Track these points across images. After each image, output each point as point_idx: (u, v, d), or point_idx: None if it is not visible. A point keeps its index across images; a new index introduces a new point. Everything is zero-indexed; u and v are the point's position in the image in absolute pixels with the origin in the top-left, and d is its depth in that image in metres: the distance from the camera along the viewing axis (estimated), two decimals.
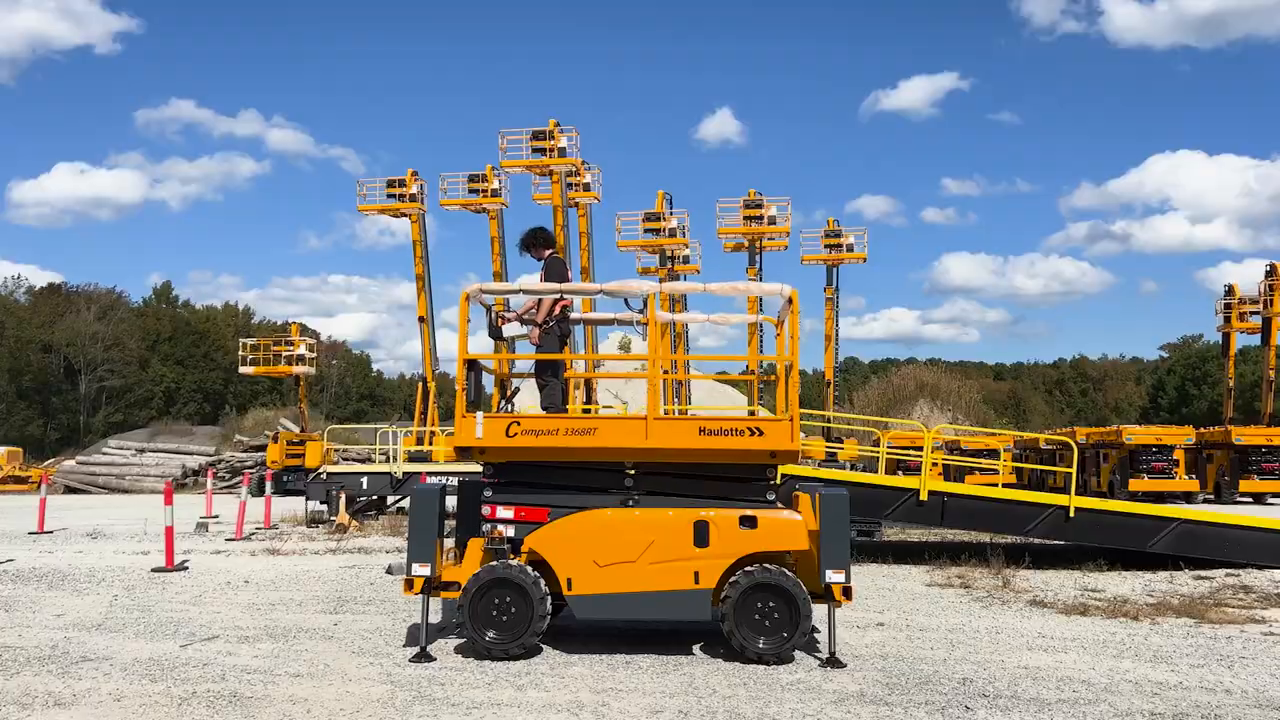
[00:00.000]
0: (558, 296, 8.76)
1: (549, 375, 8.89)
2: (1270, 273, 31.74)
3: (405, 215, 33.88)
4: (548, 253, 9.24)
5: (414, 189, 33.29)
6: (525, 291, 8.84)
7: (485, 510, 8.04)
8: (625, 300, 8.49)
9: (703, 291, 8.33)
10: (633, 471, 8.03)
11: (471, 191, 33.13)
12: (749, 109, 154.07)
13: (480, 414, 7.95)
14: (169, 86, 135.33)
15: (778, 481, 8.18)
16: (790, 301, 7.99)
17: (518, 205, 38.62)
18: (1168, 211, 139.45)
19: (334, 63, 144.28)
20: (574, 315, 9.50)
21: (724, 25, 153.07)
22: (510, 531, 7.94)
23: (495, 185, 33.02)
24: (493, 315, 8.86)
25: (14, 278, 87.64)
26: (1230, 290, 33.74)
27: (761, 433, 7.82)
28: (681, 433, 7.95)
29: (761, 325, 28.96)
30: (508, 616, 7.65)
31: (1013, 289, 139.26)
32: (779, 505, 7.98)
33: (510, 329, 9.28)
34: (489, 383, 25.43)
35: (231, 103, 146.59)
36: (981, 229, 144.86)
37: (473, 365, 8.28)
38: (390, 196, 33.50)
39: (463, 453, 8.11)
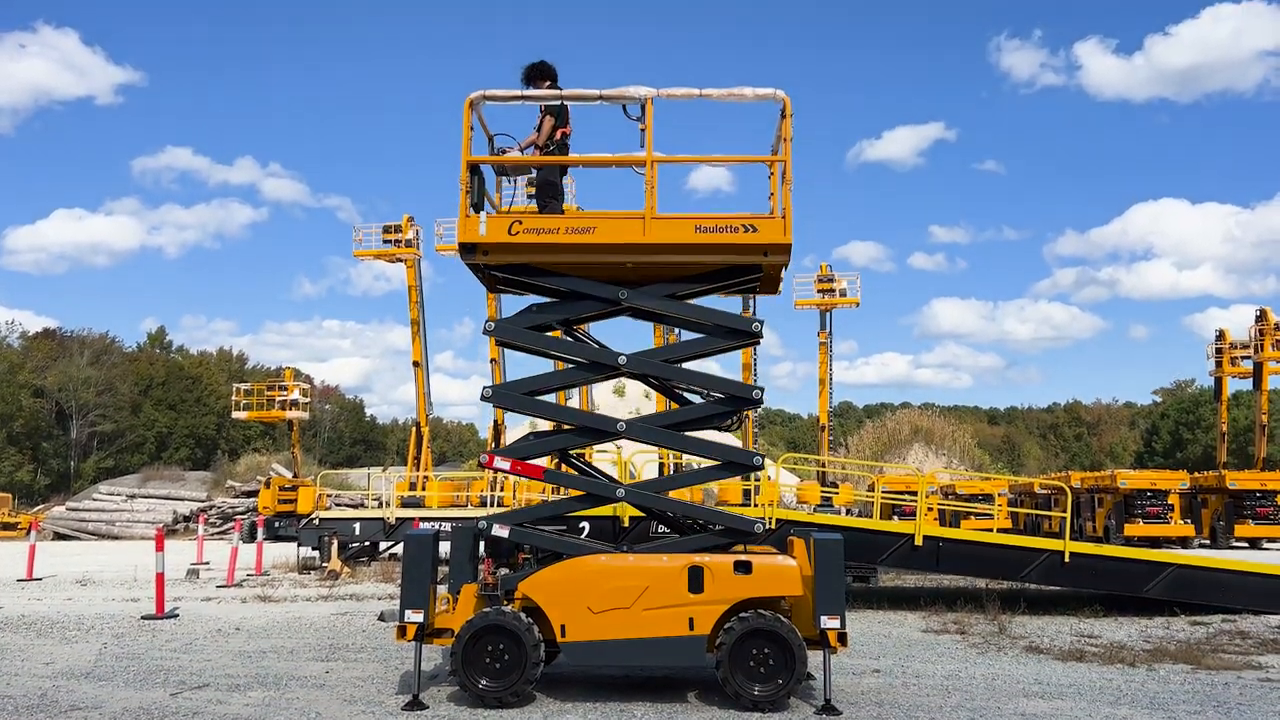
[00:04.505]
0: (556, 123, 8.92)
1: (548, 198, 9.06)
2: (1260, 317, 31.89)
3: (401, 260, 33.95)
4: (546, 84, 9.37)
5: (410, 234, 33.40)
6: (526, 98, 8.92)
7: (484, 459, 8.28)
8: (623, 106, 8.47)
9: (699, 96, 8.47)
10: (625, 295, 8.34)
11: None
12: None
13: (484, 213, 8.10)
14: (166, 135, 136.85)
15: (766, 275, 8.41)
16: (783, 107, 8.20)
17: None
18: (1153, 259, 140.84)
19: (330, 113, 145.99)
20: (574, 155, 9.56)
21: (711, 77, 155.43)
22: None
23: None
24: (494, 145, 8.95)
25: (9, 323, 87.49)
26: (1221, 335, 33.89)
27: (755, 229, 8.05)
28: (678, 229, 8.13)
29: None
30: (501, 663, 7.61)
31: (1003, 334, 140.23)
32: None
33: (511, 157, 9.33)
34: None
35: (228, 151, 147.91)
36: (970, 275, 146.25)
37: (475, 169, 8.44)
38: (386, 242, 33.59)
39: (467, 250, 8.20)
